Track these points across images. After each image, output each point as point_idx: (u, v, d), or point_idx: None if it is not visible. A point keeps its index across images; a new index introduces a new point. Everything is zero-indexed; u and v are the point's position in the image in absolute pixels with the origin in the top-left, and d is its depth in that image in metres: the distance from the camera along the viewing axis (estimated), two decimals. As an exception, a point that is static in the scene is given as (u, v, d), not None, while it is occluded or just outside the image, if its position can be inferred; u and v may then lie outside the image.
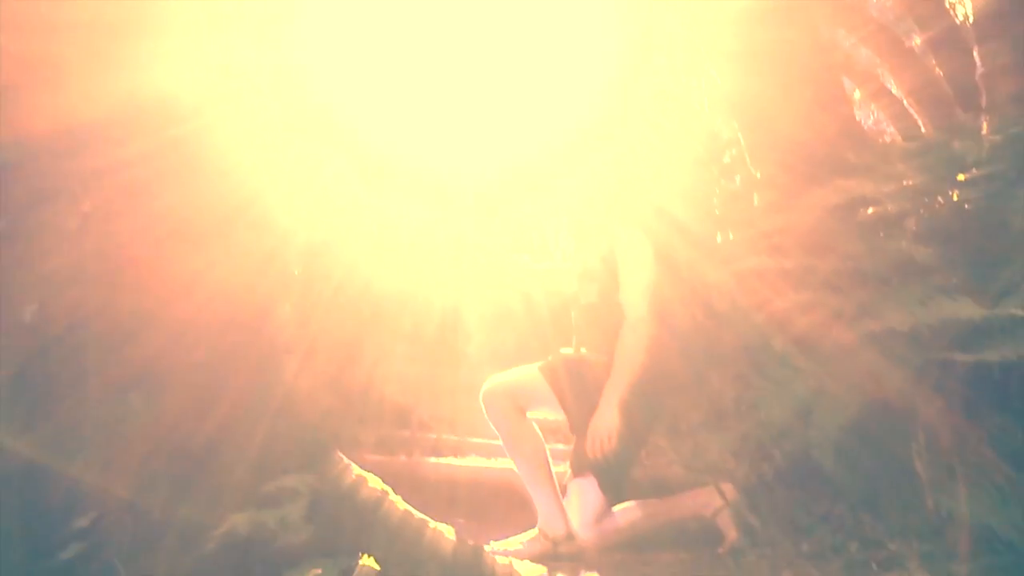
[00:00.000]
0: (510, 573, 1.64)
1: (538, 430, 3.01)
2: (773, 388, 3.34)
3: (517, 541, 2.83)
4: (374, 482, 1.73)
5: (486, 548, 2.76)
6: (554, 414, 3.14)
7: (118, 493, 1.50)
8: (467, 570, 1.58)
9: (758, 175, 5.13)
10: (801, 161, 4.25)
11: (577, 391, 3.03)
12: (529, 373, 3.09)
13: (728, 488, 3.14)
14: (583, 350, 3.15)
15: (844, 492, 3.15)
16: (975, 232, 3.20)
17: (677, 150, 6.69)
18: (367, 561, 1.48)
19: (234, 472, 1.59)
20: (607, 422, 2.90)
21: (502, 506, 3.36)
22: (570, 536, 2.84)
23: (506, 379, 3.06)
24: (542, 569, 2.43)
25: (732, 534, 3.05)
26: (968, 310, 2.64)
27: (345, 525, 1.59)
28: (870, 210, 3.63)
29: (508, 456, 3.02)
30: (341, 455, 1.74)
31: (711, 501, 3.12)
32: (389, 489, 1.72)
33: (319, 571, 1.39)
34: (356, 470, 1.73)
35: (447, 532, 1.67)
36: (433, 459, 3.81)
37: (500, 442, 3.05)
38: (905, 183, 3.52)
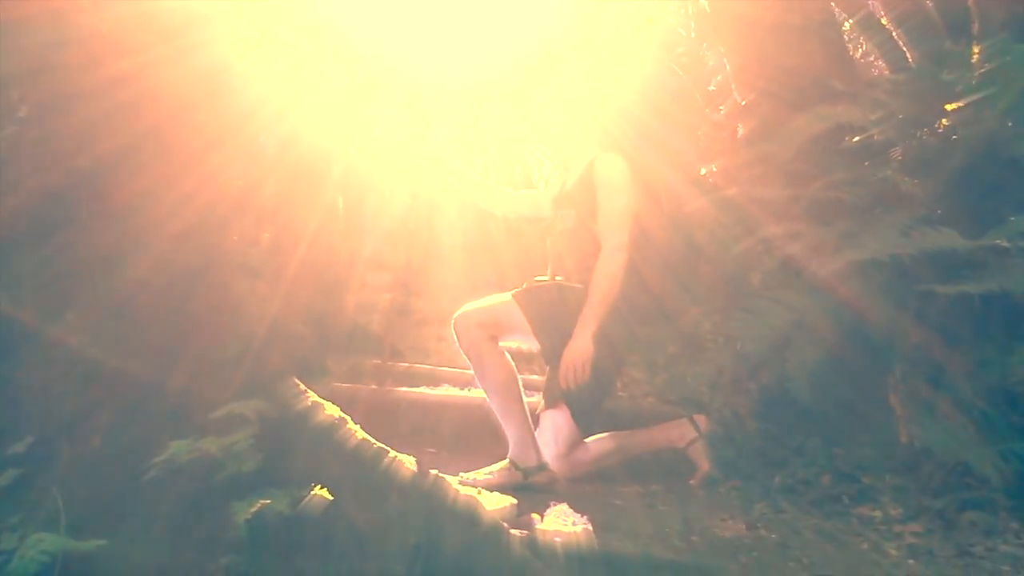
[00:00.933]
0: (472, 504, 1.56)
1: (510, 359, 2.93)
2: (751, 320, 3.28)
3: (487, 471, 2.78)
4: (331, 409, 1.63)
5: (455, 479, 2.75)
6: (527, 343, 3.06)
7: (56, 418, 1.41)
8: (426, 500, 1.50)
9: (743, 103, 5.02)
10: (786, 88, 4.13)
11: (551, 320, 2.95)
12: (502, 301, 2.99)
13: (702, 420, 3.10)
14: (558, 278, 3.05)
15: (819, 425, 3.12)
16: (962, 163, 3.12)
17: (661, 75, 6.54)
18: (319, 492, 1.40)
19: (180, 398, 1.50)
20: (580, 352, 2.82)
21: (474, 437, 3.30)
22: (541, 467, 2.79)
23: (478, 307, 2.96)
24: (511, 500, 2.37)
25: (704, 466, 3.02)
26: (951, 241, 2.57)
27: (297, 454, 1.51)
28: (855, 139, 3.54)
29: (479, 385, 2.95)
30: (297, 381, 1.64)
31: (685, 433, 3.08)
32: (347, 417, 1.63)
33: (268, 502, 1.31)
34: (312, 396, 1.64)
35: (407, 462, 1.58)
36: (404, 389, 3.74)
37: (471, 371, 2.98)
38: (892, 112, 3.42)
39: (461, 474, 2.77)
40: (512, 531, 1.69)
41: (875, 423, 3.01)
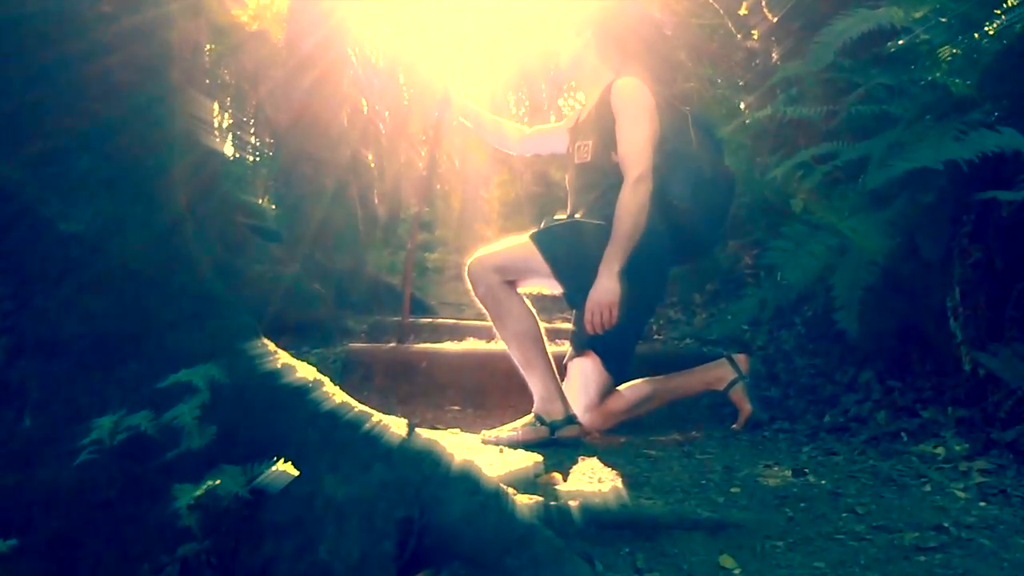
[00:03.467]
0: (469, 468, 1.36)
1: (530, 306, 2.72)
2: (791, 248, 3.03)
3: (511, 428, 2.58)
4: (304, 371, 1.43)
5: (479, 436, 2.56)
6: (549, 288, 2.84)
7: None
8: (416, 467, 1.31)
9: (774, 20, 4.70)
10: (820, -3, 3.82)
11: (573, 260, 2.72)
12: (519, 243, 2.77)
13: (742, 359, 2.86)
14: (578, 215, 2.82)
15: (871, 358, 2.88)
16: (1019, 61, 2.80)
17: (690, 4, 6.22)
18: (281, 466, 1.20)
19: (124, 366, 1.32)
20: (607, 292, 2.59)
21: (499, 391, 3.11)
22: (569, 420, 2.58)
23: (493, 251, 2.74)
24: (537, 457, 2.18)
25: (747, 408, 2.79)
26: (1013, 141, 2.28)
27: (258, 424, 1.31)
28: (900, 41, 3.23)
29: (498, 336, 2.75)
30: (264, 341, 1.44)
31: (724, 375, 2.84)
32: (324, 379, 1.43)
33: (216, 482, 1.12)
34: (284, 357, 1.45)
35: (396, 425, 1.38)
36: (426, 345, 3.55)
37: (493, 322, 2.78)
38: (940, 10, 3.10)
39: (483, 432, 2.59)
40: (520, 496, 1.49)
41: (934, 351, 2.76)
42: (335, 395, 1.42)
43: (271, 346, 1.46)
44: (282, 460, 1.23)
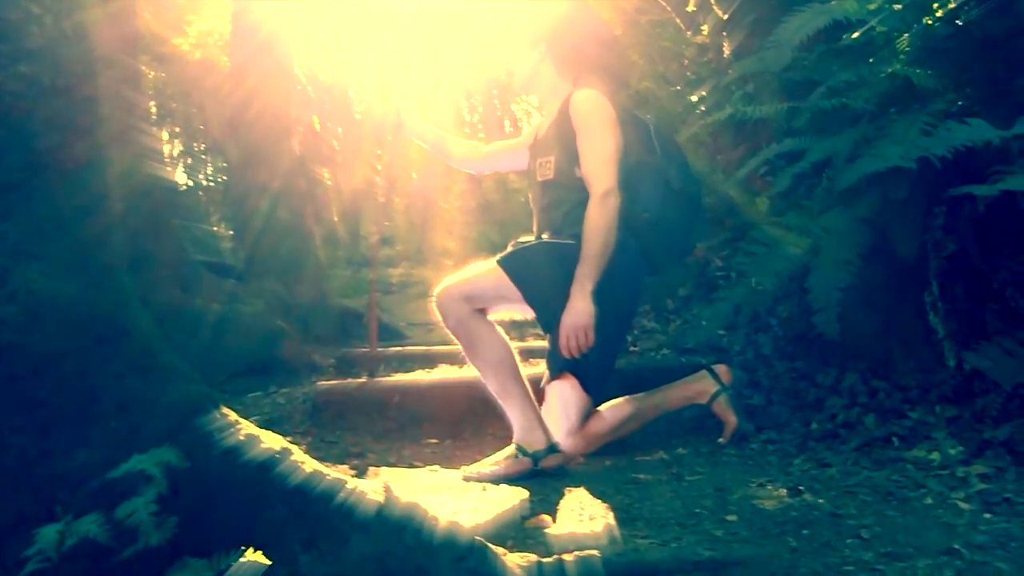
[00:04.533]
0: (454, 532, 1.26)
1: (502, 333, 2.62)
2: (762, 252, 2.97)
3: (492, 462, 2.48)
4: (270, 440, 1.32)
5: (460, 472, 2.46)
6: (521, 313, 2.76)
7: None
8: (397, 537, 1.21)
9: (725, 17, 4.66)
10: (771, -9, 3.78)
11: (544, 283, 2.63)
12: (486, 269, 2.67)
13: (723, 370, 2.79)
14: (545, 235, 2.73)
15: (853, 358, 2.82)
16: (978, 46, 2.77)
17: (636, 1, 6.18)
18: (251, 556, 1.10)
19: (69, 458, 1.20)
20: (581, 313, 2.50)
21: (477, 421, 3.01)
22: (551, 449, 2.49)
23: (460, 278, 2.64)
24: (523, 493, 2.09)
25: (732, 420, 2.72)
26: (983, 133, 2.23)
27: (223, 507, 1.20)
28: (855, 34, 3.18)
29: (472, 366, 2.65)
30: (223, 412, 1.33)
31: (706, 387, 2.77)
32: (291, 447, 1.32)
33: (181, 583, 1.02)
34: (247, 427, 1.34)
35: (371, 492, 1.28)
36: (398, 375, 3.44)
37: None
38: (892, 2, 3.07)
39: (464, 468, 2.49)
40: (511, 556, 1.40)
41: (915, 348, 2.71)
42: (304, 464, 1.32)
43: (231, 416, 1.35)
44: (252, 547, 1.12)
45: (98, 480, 1.16)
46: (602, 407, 2.72)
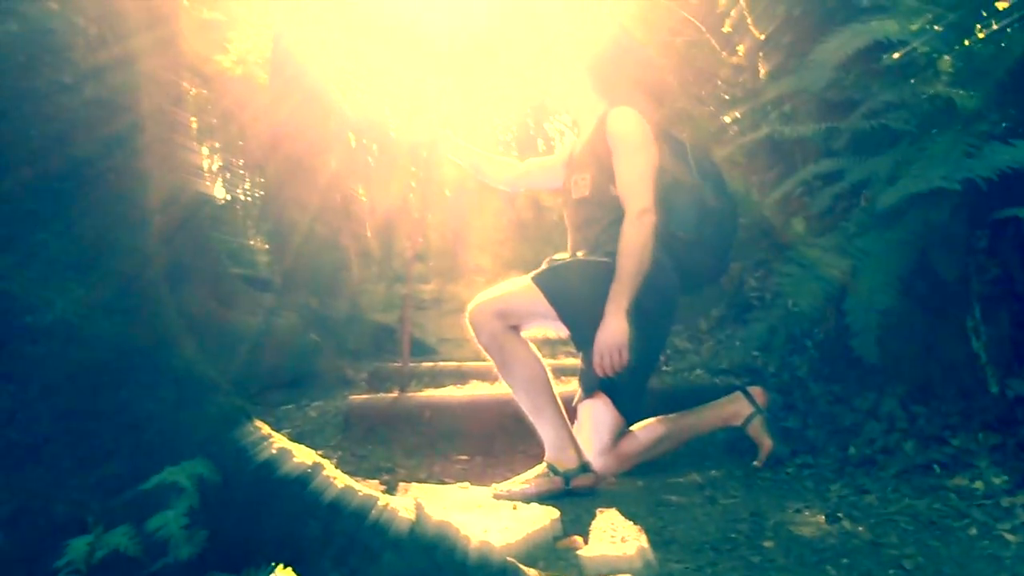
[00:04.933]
0: (485, 553, 1.24)
1: (536, 350, 2.61)
2: (799, 273, 2.93)
3: (522, 480, 2.47)
4: (302, 455, 1.32)
5: (489, 490, 2.44)
6: (555, 330, 2.74)
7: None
8: (428, 556, 1.20)
9: (761, 37, 4.64)
10: (810, 10, 3.76)
11: (578, 301, 2.61)
12: (520, 285, 2.67)
13: (758, 392, 2.75)
14: (580, 253, 2.72)
15: (892, 383, 2.77)
16: (1020, 68, 2.72)
17: (670, 22, 6.17)
18: (281, 572, 1.09)
19: (102, 468, 1.21)
20: (615, 333, 2.49)
21: (509, 437, 3.00)
22: (583, 468, 2.47)
23: (494, 295, 2.64)
24: (554, 513, 2.07)
25: (767, 443, 2.68)
26: (1029, 155, 2.18)
27: (253, 522, 1.20)
28: (896, 55, 3.14)
29: (504, 383, 2.64)
30: (256, 425, 1.33)
31: (740, 409, 2.73)
32: (324, 462, 1.32)
33: (211, 601, 1.01)
34: (279, 441, 1.33)
35: (404, 509, 1.27)
36: (430, 391, 3.44)
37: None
38: (933, 20, 3.03)
39: (495, 486, 2.48)
40: (543, 577, 1.38)
41: (957, 374, 2.65)
42: (337, 480, 1.31)
43: (264, 430, 1.35)
44: (282, 563, 1.12)
45: (130, 492, 1.17)
46: (635, 427, 2.69)
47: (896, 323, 2.65)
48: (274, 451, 1.30)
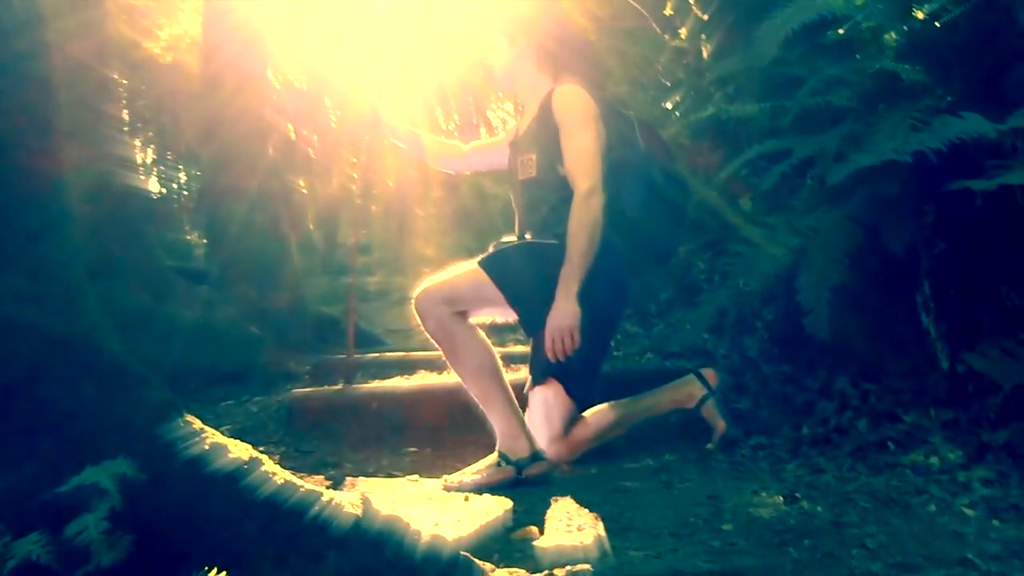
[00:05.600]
0: (436, 546, 1.16)
1: (484, 337, 2.53)
2: (749, 252, 2.91)
3: (474, 471, 2.39)
4: (237, 450, 1.22)
5: (440, 482, 2.37)
6: (503, 316, 2.67)
7: None
8: (376, 552, 1.11)
9: (705, 17, 4.62)
10: (753, -12, 3.72)
11: (527, 285, 2.54)
12: (467, 270, 2.58)
13: (710, 374, 2.71)
14: (528, 235, 2.64)
15: (843, 360, 2.75)
16: (966, 39, 2.72)
17: (611, 8, 6.13)
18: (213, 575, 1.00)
19: (15, 471, 1.10)
20: (567, 316, 2.42)
21: (459, 426, 2.91)
22: (535, 456, 2.40)
23: (440, 281, 2.55)
24: (507, 503, 2.00)
25: (720, 425, 2.64)
26: (979, 126, 2.17)
27: (184, 523, 1.10)
28: (840, 30, 3.13)
29: (453, 371, 2.56)
30: (188, 420, 1.23)
31: (693, 392, 2.69)
32: (261, 456, 1.22)
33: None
34: (213, 436, 1.23)
35: (348, 504, 1.19)
36: (376, 382, 3.34)
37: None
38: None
39: (445, 478, 2.40)
40: (499, 571, 1.30)
41: (908, 350, 2.64)
42: (275, 475, 1.22)
43: (196, 424, 1.25)
44: (216, 567, 1.02)
45: (46, 495, 1.06)
46: (587, 413, 2.63)
47: (845, 301, 2.63)
48: (206, 447, 1.20)
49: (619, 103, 2.94)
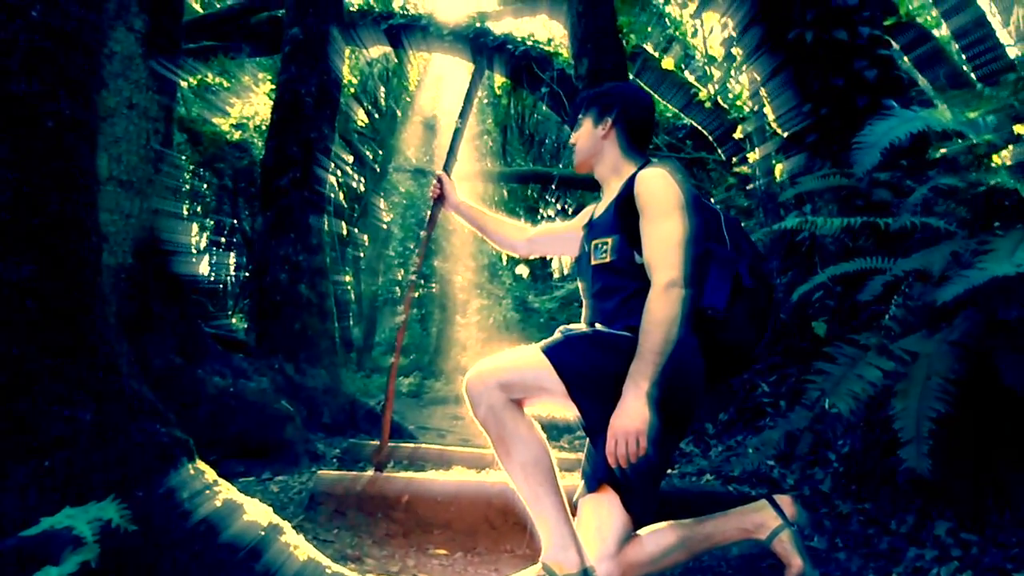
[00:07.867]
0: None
1: (540, 431, 2.27)
2: (839, 373, 2.63)
3: (514, 582, 2.09)
4: (256, 513, 0.97)
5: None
6: (562, 409, 2.40)
7: None
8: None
9: (785, 135, 4.49)
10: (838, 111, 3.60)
11: (592, 378, 2.28)
12: (528, 355, 2.33)
13: (786, 502, 2.40)
14: (597, 325, 2.40)
15: (944, 502, 2.43)
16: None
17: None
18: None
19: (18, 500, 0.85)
20: (634, 416, 2.14)
21: (495, 533, 2.62)
22: (586, 573, 2.09)
23: (497, 364, 2.30)
24: (548, 621, 1.70)
25: (796, 562, 2.30)
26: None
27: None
28: (942, 149, 2.94)
29: (501, 466, 2.28)
30: (199, 467, 0.99)
31: (766, 520, 2.37)
32: (282, 523, 0.97)
33: None
34: (226, 492, 0.99)
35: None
36: (408, 473, 3.06)
37: (491, 449, 2.31)
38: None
39: (480, 586, 2.09)
40: None
41: (1017, 499, 2.32)
42: (297, 549, 0.96)
43: (208, 474, 1.01)
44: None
45: (11, 539, 0.81)
46: (643, 531, 2.32)
47: (947, 435, 2.34)
48: (218, 503, 0.95)
49: (704, 195, 2.75)
